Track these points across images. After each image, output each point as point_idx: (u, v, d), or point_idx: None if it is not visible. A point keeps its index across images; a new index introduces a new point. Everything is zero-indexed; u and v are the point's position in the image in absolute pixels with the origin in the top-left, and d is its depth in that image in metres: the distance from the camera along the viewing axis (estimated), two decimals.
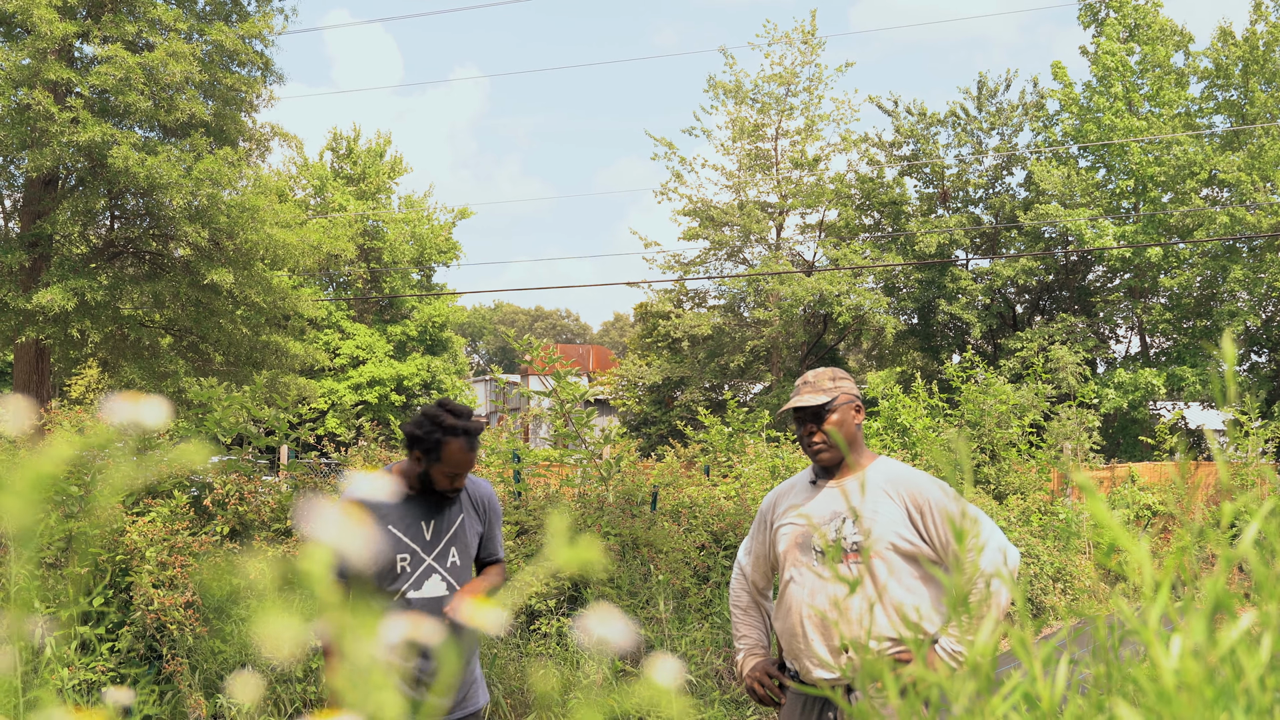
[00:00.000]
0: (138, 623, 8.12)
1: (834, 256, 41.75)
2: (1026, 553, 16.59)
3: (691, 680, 9.81)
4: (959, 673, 1.51)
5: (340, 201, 44.66)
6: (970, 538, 1.59)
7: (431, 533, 5.22)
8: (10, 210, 28.95)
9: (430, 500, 5.25)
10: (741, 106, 42.12)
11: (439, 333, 48.31)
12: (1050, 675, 1.53)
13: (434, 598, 5.17)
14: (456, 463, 5.09)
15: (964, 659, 1.49)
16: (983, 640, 1.51)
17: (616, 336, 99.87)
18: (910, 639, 1.63)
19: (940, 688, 1.52)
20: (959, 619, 1.55)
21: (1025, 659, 1.51)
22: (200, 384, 10.87)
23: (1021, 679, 1.53)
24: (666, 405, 44.92)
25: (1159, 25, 39.53)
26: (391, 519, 5.18)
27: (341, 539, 1.03)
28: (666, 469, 14.93)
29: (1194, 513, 20.20)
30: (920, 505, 4.75)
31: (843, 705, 1.66)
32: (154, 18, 27.20)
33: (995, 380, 20.66)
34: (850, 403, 4.98)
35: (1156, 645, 1.36)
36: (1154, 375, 37.58)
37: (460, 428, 5.10)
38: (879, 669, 1.56)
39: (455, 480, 5.15)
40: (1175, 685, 1.30)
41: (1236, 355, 5.73)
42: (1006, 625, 1.59)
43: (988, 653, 1.51)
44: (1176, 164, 37.52)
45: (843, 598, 4.64)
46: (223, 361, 30.01)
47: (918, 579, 4.71)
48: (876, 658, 1.60)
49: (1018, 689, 1.52)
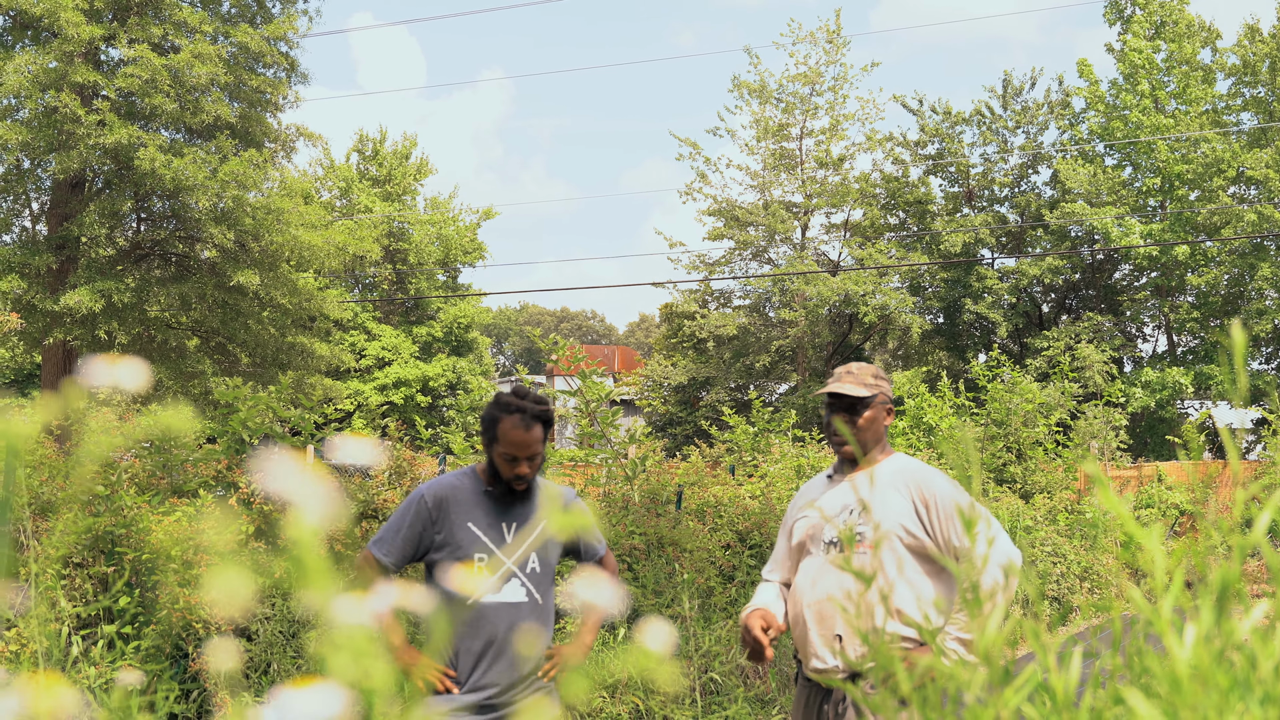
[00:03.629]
0: (163, 621, 8.15)
1: (859, 256, 41.67)
2: (1053, 551, 16.55)
3: (715, 678, 9.80)
4: (971, 663, 1.50)
5: (366, 203, 44.75)
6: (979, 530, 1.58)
7: (513, 535, 5.05)
8: (38, 213, 29.08)
9: (512, 501, 5.08)
10: (766, 106, 42.07)
11: (464, 334, 48.35)
12: (1064, 667, 1.52)
13: (511, 604, 5.00)
14: (512, 442, 4.93)
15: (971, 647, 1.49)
16: (993, 629, 1.50)
17: (642, 337, 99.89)
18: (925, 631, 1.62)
19: (954, 679, 1.52)
20: (970, 609, 1.55)
21: (1039, 650, 1.51)
22: (226, 384, 10.91)
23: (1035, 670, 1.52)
24: (692, 405, 44.92)
25: (1185, 22, 39.38)
26: (472, 515, 5.04)
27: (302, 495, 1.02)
28: (692, 468, 14.93)
29: (1221, 510, 20.11)
30: (925, 499, 4.77)
31: (856, 697, 1.66)
32: (179, 20, 27.29)
33: (1022, 379, 20.62)
34: (885, 404, 5.02)
35: (1170, 634, 1.35)
36: (1181, 374, 37.45)
37: (515, 405, 4.98)
38: (891, 660, 1.56)
39: (516, 466, 4.97)
40: (1188, 674, 1.29)
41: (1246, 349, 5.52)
42: (1019, 616, 1.59)
43: (999, 642, 1.50)
44: (1204, 161, 37.37)
45: (842, 588, 4.67)
46: (249, 363, 30.10)
47: (923, 573, 4.73)
48: (886, 649, 1.60)
49: (1031, 680, 1.52)
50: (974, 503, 1.79)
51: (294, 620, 8.63)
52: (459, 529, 5.01)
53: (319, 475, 1.04)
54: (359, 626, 0.99)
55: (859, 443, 4.95)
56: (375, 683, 0.97)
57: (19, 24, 27.62)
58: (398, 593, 1.15)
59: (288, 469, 1.02)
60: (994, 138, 42.87)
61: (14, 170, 27.86)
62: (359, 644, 0.98)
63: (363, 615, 1.00)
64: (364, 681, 0.97)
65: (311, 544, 0.99)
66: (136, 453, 9.95)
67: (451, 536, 5.01)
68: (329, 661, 0.97)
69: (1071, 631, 15.26)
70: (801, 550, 5.02)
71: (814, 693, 4.89)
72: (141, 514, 8.66)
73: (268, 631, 8.42)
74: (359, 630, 0.99)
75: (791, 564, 5.17)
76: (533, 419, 4.98)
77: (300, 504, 1.01)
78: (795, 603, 4.93)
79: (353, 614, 1.00)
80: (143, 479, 9.34)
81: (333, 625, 0.99)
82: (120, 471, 9.12)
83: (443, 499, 5.06)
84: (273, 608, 8.62)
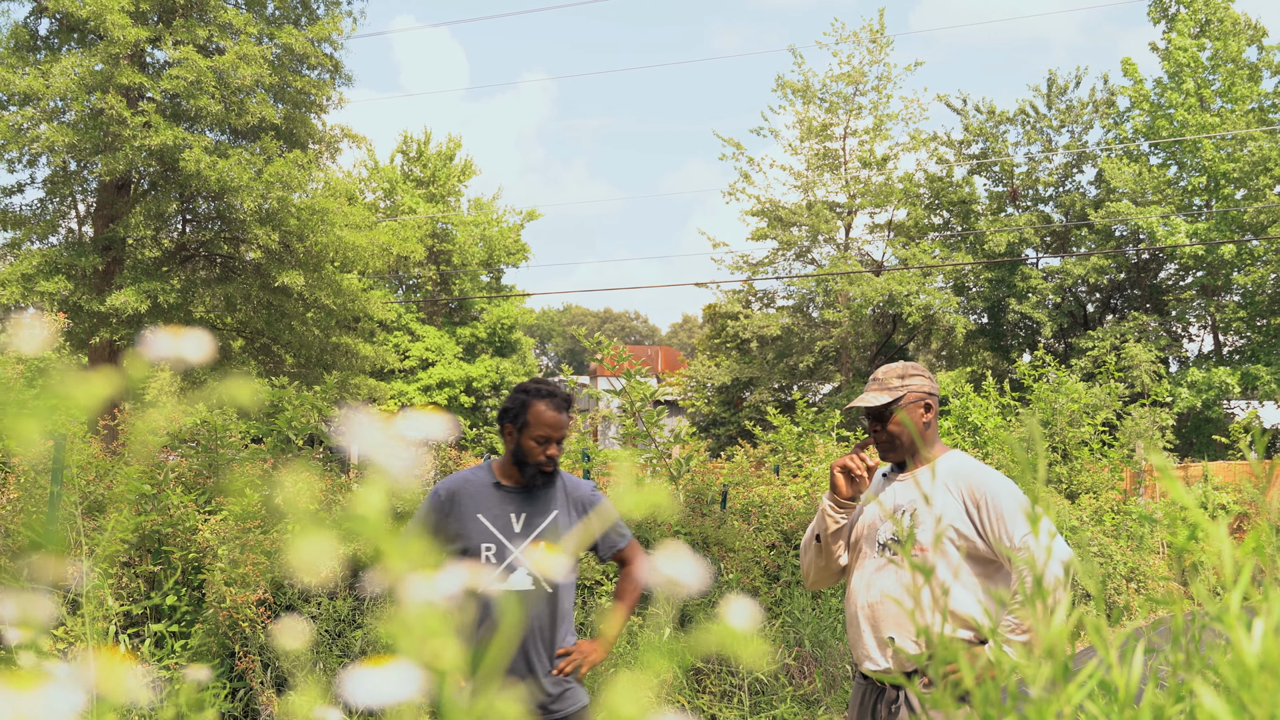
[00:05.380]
0: (210, 620, 8.18)
1: (903, 256, 41.56)
2: (1099, 552, 16.46)
3: (761, 678, 9.79)
4: (1034, 658, 1.49)
5: (410, 204, 44.87)
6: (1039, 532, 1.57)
7: (522, 525, 5.17)
8: (84, 214, 29.28)
9: (525, 494, 5.23)
10: (809, 106, 42.00)
11: (508, 334, 48.41)
12: (1126, 663, 1.51)
13: (517, 592, 5.13)
14: (546, 424, 5.11)
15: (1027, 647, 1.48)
16: (1058, 625, 1.49)
17: (685, 338, 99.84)
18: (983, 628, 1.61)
19: (1015, 675, 1.50)
20: (1028, 604, 1.53)
21: (1100, 646, 1.49)
22: (272, 384, 10.93)
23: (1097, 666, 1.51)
24: (735, 406, 44.86)
25: (1231, 19, 39.10)
26: (482, 507, 5.18)
27: (386, 455, 1.02)
28: (736, 468, 14.91)
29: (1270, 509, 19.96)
30: (977, 499, 4.72)
31: (915, 692, 1.64)
32: (224, 22, 27.43)
33: (1067, 379, 20.53)
34: (919, 401, 4.95)
35: (1237, 627, 1.33)
36: (1228, 374, 37.19)
37: (546, 388, 5.19)
38: (954, 652, 1.55)
39: (547, 447, 5.13)
40: (1257, 666, 1.27)
41: None
42: (1080, 611, 1.57)
43: (1063, 637, 1.49)
44: (1250, 160, 37.11)
45: (896, 589, 4.65)
46: (294, 363, 30.22)
47: (974, 575, 4.69)
48: (947, 643, 1.59)
49: (1094, 675, 1.50)
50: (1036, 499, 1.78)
51: (340, 619, 8.65)
52: (469, 520, 5.17)
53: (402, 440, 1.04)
54: (429, 606, 0.99)
55: (897, 447, 4.93)
56: (445, 664, 0.96)
57: (65, 27, 27.80)
58: None
59: (374, 430, 1.01)
60: (1038, 137, 42.71)
61: (60, 172, 28.05)
62: (429, 624, 0.97)
63: (432, 595, 0.99)
64: (434, 662, 0.96)
65: (384, 516, 0.98)
66: (183, 453, 10.00)
67: (463, 528, 5.17)
68: (399, 641, 0.96)
69: (1127, 630, 15.18)
70: (856, 550, 5.00)
71: (869, 691, 4.89)
72: (188, 513, 8.71)
73: (315, 631, 8.45)
74: (429, 609, 0.98)
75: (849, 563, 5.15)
76: (563, 401, 5.20)
77: (383, 466, 1.00)
78: (850, 603, 4.93)
79: (423, 593, 0.99)
80: (189, 478, 9.38)
81: (402, 604, 0.99)
82: (167, 471, 9.17)
83: (454, 491, 5.24)
84: (319, 607, 8.64)
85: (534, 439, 5.12)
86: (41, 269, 26.59)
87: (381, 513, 1.00)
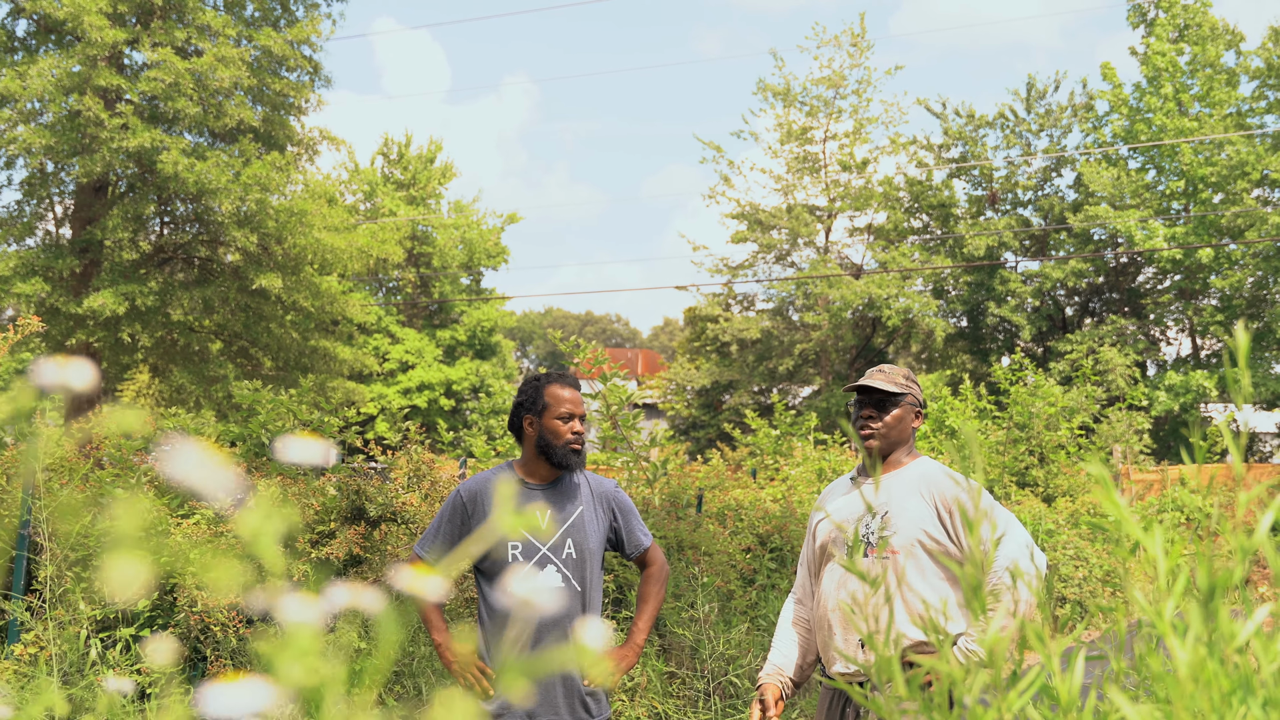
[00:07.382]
0: (181, 624, 8.15)
1: (882, 259, 41.62)
2: (1075, 555, 16.48)
3: (734, 680, 9.78)
4: (972, 666, 1.49)
5: (390, 207, 44.84)
6: (984, 528, 1.57)
7: (547, 522, 5.11)
8: (61, 216, 29.19)
9: (550, 491, 5.19)
10: (790, 109, 42.05)
11: (488, 337, 48.37)
12: (1069, 670, 1.50)
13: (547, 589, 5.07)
14: (564, 399, 5.14)
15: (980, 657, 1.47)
16: (995, 631, 1.49)
17: (666, 341, 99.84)
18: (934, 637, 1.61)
19: (956, 682, 1.50)
20: (974, 610, 1.53)
21: (1042, 653, 1.49)
22: (248, 387, 10.88)
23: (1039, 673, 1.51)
24: (715, 409, 44.88)
25: (1209, 25, 39.23)
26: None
27: (200, 476, 1.02)
28: (713, 472, 14.91)
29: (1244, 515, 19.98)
30: (950, 505, 4.74)
31: (858, 699, 1.64)
32: (203, 24, 27.40)
33: (1044, 382, 20.56)
34: (915, 407, 5.02)
35: (1171, 636, 1.34)
36: (1205, 377, 37.27)
37: (554, 372, 5.25)
38: (891, 666, 1.55)
39: (571, 423, 5.13)
40: (1189, 677, 1.28)
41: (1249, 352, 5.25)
42: (1024, 619, 1.57)
43: (1001, 644, 1.49)
44: (1228, 164, 37.22)
45: (861, 592, 4.65)
46: (272, 366, 30.15)
47: (944, 579, 4.71)
48: (891, 654, 1.58)
49: (1035, 682, 1.50)
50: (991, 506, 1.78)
51: None
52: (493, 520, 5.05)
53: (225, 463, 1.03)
54: (306, 625, 0.98)
55: (885, 441, 4.94)
56: (320, 681, 0.96)
57: (43, 28, 27.75)
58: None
59: (196, 456, 1.01)
60: (1017, 141, 42.81)
61: (38, 174, 27.99)
62: (303, 642, 0.97)
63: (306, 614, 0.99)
64: (308, 679, 0.96)
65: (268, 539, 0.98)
66: (155, 456, 9.96)
67: None
68: (272, 659, 0.96)
69: (1092, 635, 15.21)
70: (825, 553, 5.01)
71: (836, 696, 4.89)
72: (160, 516, 8.68)
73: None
74: (304, 628, 0.98)
75: (815, 568, 5.16)
76: (574, 380, 5.28)
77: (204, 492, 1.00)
78: (820, 605, 4.93)
79: (300, 612, 0.99)
80: (161, 481, 9.35)
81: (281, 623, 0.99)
82: (139, 474, 9.14)
83: (476, 493, 5.19)
84: None
85: (558, 417, 5.11)
86: (18, 271, 26.51)
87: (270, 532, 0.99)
